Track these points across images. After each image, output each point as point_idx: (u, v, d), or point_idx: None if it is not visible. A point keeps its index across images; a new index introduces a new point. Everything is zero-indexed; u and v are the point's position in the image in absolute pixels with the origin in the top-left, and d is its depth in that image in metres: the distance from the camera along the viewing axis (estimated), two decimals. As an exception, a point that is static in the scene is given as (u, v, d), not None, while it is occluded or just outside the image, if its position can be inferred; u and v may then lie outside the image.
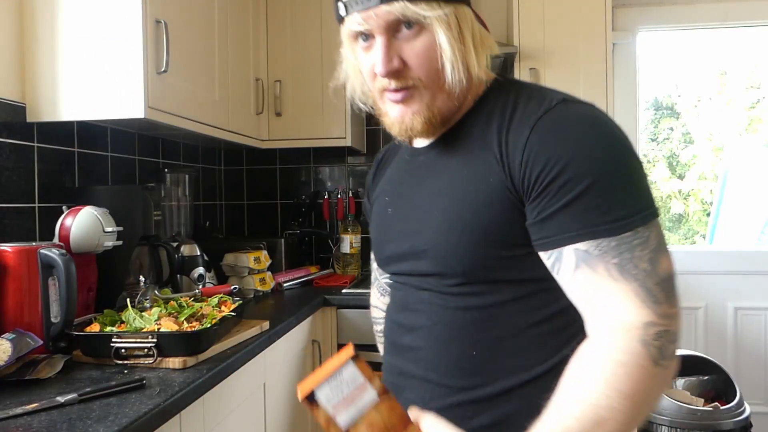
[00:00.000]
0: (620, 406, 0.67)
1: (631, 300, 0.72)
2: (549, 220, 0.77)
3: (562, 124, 0.78)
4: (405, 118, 0.86)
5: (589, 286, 0.75)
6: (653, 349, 0.70)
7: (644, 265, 0.73)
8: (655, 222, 0.76)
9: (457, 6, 0.83)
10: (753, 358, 2.87)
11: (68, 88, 1.60)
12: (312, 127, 2.56)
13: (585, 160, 0.75)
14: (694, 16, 2.87)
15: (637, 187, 0.77)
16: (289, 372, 1.85)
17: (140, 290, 1.57)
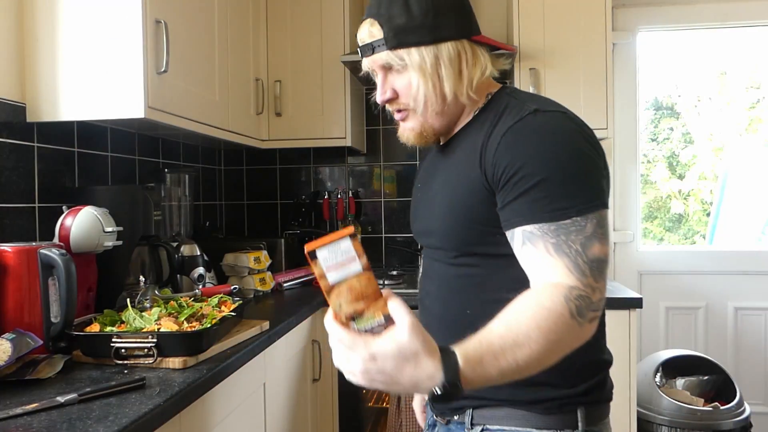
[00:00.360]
0: (536, 338, 0.82)
1: (562, 270, 0.89)
2: (508, 207, 0.95)
3: (525, 132, 0.96)
4: (404, 132, 1.11)
5: (532, 258, 0.92)
6: (572, 304, 0.85)
7: (576, 246, 0.89)
8: (595, 214, 0.91)
9: (438, 46, 1.03)
10: (753, 358, 2.87)
11: (68, 88, 1.60)
12: (312, 127, 2.56)
13: (537, 161, 0.93)
14: (694, 16, 2.87)
15: (581, 184, 0.93)
16: (289, 372, 1.85)
17: (140, 290, 1.57)
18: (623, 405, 2.13)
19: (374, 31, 1.04)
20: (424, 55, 1.02)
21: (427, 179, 1.19)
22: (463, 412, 1.05)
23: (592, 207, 0.91)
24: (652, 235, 3.15)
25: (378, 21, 1.03)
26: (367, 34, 1.05)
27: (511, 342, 0.81)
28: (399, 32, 1.02)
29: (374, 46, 1.04)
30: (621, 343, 2.12)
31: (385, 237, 2.91)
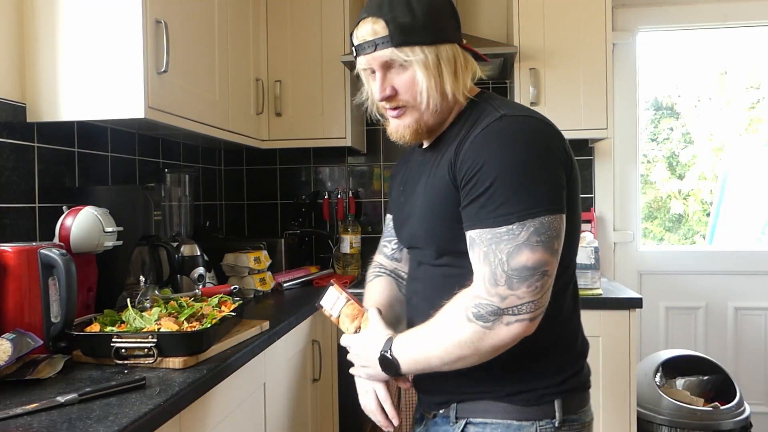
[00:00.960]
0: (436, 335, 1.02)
1: (479, 279, 1.00)
2: (464, 210, 1.04)
3: (486, 138, 1.02)
4: (399, 128, 1.14)
5: (473, 262, 1.02)
6: (469, 312, 0.99)
7: (501, 256, 0.97)
8: (534, 221, 0.97)
9: (438, 47, 1.07)
10: (753, 358, 2.87)
11: (68, 88, 1.60)
12: (312, 127, 2.56)
13: (490, 166, 0.99)
14: (694, 16, 2.87)
15: (527, 191, 0.98)
16: (289, 372, 1.85)
17: (140, 290, 1.57)
18: (623, 405, 2.13)
19: (378, 29, 1.07)
20: (427, 53, 1.07)
21: (410, 182, 1.24)
22: (447, 406, 1.13)
23: (532, 214, 0.97)
24: (652, 235, 3.15)
25: (383, 19, 1.06)
26: (369, 32, 1.08)
27: (424, 334, 1.04)
28: (404, 31, 1.05)
29: (377, 44, 1.07)
30: (621, 343, 2.12)
31: (385, 237, 2.91)
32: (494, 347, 0.99)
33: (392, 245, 1.39)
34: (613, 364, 2.13)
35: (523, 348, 1.01)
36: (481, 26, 2.85)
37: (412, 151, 1.31)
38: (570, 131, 2.47)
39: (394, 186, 1.34)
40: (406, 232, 1.23)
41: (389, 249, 1.40)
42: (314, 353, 2.10)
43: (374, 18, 1.07)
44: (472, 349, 0.99)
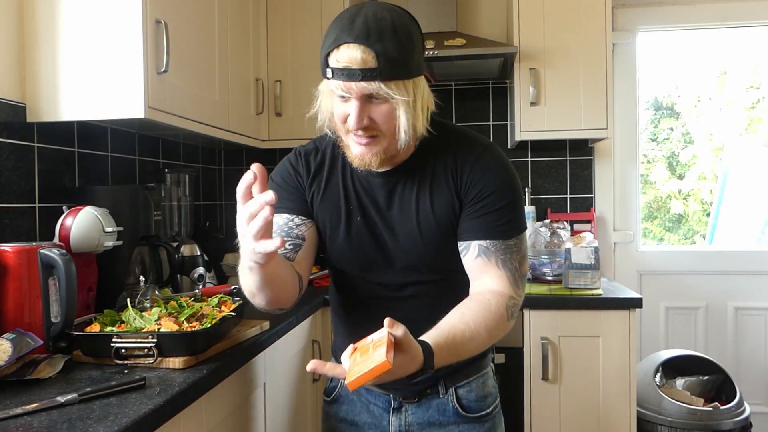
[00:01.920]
0: (484, 335, 1.10)
1: (505, 282, 1.17)
2: (469, 222, 1.18)
3: (492, 165, 1.19)
4: (365, 156, 1.14)
5: (482, 267, 1.18)
6: (509, 311, 1.15)
7: (515, 264, 1.19)
8: (523, 235, 1.22)
9: (417, 81, 1.11)
10: (753, 358, 2.87)
11: (68, 88, 1.60)
12: (312, 127, 2.54)
13: (504, 190, 1.18)
14: (694, 16, 2.87)
15: (521, 211, 1.22)
16: (289, 372, 1.85)
17: (140, 290, 1.57)
18: (623, 405, 2.13)
19: (367, 59, 1.04)
20: (410, 89, 1.09)
21: (372, 206, 1.23)
22: (435, 385, 1.29)
23: (523, 229, 1.21)
24: (652, 235, 3.15)
25: (372, 50, 1.04)
26: (356, 60, 1.05)
27: (467, 337, 1.07)
28: (393, 65, 1.05)
29: (364, 74, 1.05)
30: (621, 343, 2.12)
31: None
32: (496, 337, 1.16)
33: (286, 246, 1.26)
34: (613, 364, 2.13)
35: None
36: (481, 26, 2.85)
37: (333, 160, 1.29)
38: (570, 131, 2.48)
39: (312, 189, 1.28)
40: (385, 251, 1.23)
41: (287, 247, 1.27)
42: (314, 353, 2.10)
43: (363, 47, 1.04)
44: (497, 339, 1.15)
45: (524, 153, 2.87)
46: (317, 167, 1.32)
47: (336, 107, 1.15)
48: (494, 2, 2.84)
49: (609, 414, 2.14)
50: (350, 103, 1.10)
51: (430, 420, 1.29)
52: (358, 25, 1.05)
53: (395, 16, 1.09)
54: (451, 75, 2.78)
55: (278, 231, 1.27)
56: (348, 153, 1.19)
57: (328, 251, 1.30)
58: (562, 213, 2.84)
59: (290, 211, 1.29)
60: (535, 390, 2.17)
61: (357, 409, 1.34)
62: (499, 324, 1.12)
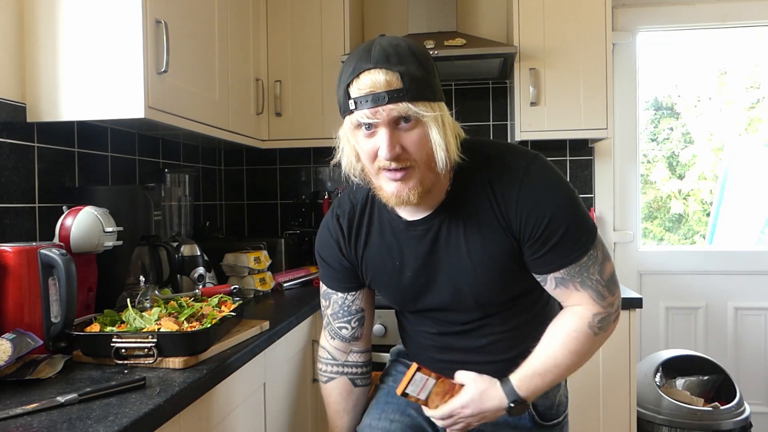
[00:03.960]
0: (569, 357, 1.15)
1: (587, 301, 1.16)
2: (540, 259, 1.15)
3: (537, 192, 1.11)
4: (402, 192, 1.08)
5: (564, 294, 1.18)
6: (595, 327, 1.15)
7: (596, 276, 1.14)
8: (598, 239, 1.15)
9: (442, 105, 1.08)
10: (753, 358, 2.87)
11: (68, 88, 1.60)
12: (312, 127, 2.56)
13: (558, 218, 1.11)
14: (694, 16, 2.87)
15: (586, 219, 1.15)
16: (289, 372, 1.85)
17: (140, 290, 1.57)
18: (623, 405, 2.13)
19: (392, 81, 1.02)
20: (438, 108, 1.06)
21: (416, 257, 1.21)
22: None
23: (595, 235, 1.15)
24: (652, 235, 3.15)
25: (396, 71, 1.02)
26: (381, 83, 1.02)
27: (551, 365, 1.14)
28: (418, 85, 1.03)
29: (391, 96, 1.02)
30: (621, 343, 2.12)
31: (385, 237, 2.91)
32: (603, 341, 1.20)
33: (353, 324, 1.34)
34: (613, 364, 2.13)
35: None
36: (481, 26, 2.85)
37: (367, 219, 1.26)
38: (570, 131, 2.48)
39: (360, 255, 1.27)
40: (440, 302, 1.23)
41: (349, 330, 1.35)
42: (314, 353, 2.10)
43: (384, 69, 1.02)
44: (590, 355, 1.18)
45: (524, 153, 2.87)
46: (357, 227, 1.27)
47: (363, 145, 1.09)
48: (494, 2, 2.84)
49: (609, 414, 2.14)
50: (378, 134, 1.05)
51: (506, 422, 1.29)
52: (375, 52, 1.03)
53: (410, 43, 1.08)
54: (451, 75, 2.78)
55: (340, 312, 1.35)
56: (382, 194, 1.12)
57: (384, 298, 1.33)
58: (562, 213, 2.83)
59: (343, 289, 1.33)
60: (535, 390, 2.17)
61: None
62: (585, 343, 1.15)
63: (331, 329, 1.38)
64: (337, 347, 1.39)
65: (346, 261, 1.29)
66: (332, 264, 1.31)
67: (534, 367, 1.15)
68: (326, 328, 1.40)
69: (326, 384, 1.43)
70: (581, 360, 1.17)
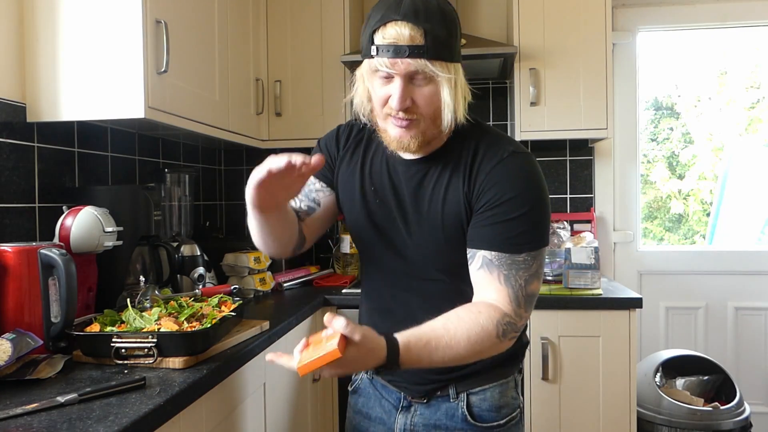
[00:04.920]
0: (464, 345, 1.06)
1: (504, 298, 1.11)
2: (478, 230, 1.14)
3: (511, 171, 1.13)
4: (404, 139, 1.13)
5: (484, 280, 1.13)
6: (500, 328, 1.09)
7: (521, 281, 1.11)
8: (541, 253, 1.14)
9: (457, 66, 1.11)
10: (753, 358, 2.87)
11: (68, 88, 1.60)
12: (312, 127, 2.56)
13: (519, 200, 1.10)
14: (694, 16, 2.87)
15: (542, 227, 1.14)
16: (289, 372, 1.85)
17: (140, 290, 1.57)
18: (623, 405, 2.13)
19: (415, 36, 1.05)
20: (452, 71, 1.09)
21: (390, 190, 1.22)
22: (444, 387, 1.26)
23: (541, 246, 1.13)
24: (652, 235, 3.15)
25: (421, 27, 1.05)
26: (405, 37, 1.05)
27: (443, 344, 1.05)
28: (439, 44, 1.06)
29: (411, 51, 1.05)
30: (621, 343, 2.12)
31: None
32: (492, 354, 1.13)
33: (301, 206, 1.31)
34: (613, 364, 2.13)
35: None
36: (481, 26, 2.85)
37: (370, 144, 1.28)
38: (570, 131, 2.48)
39: (342, 165, 1.28)
40: (395, 238, 1.22)
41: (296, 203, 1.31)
42: (314, 353, 2.10)
43: (411, 24, 1.05)
44: (480, 355, 1.10)
45: (524, 153, 2.87)
46: (356, 141, 1.31)
47: (377, 89, 1.13)
48: (494, 2, 2.84)
49: (609, 414, 2.14)
50: (393, 83, 1.09)
51: (437, 423, 1.27)
52: (406, 4, 1.06)
53: (441, 1, 1.10)
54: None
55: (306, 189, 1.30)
56: (385, 137, 1.17)
57: (346, 221, 1.32)
58: (562, 213, 2.84)
59: (316, 174, 1.31)
60: (535, 390, 2.17)
61: (371, 402, 1.36)
62: (485, 339, 1.07)
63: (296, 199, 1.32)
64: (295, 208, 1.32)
65: (334, 158, 1.32)
66: (323, 149, 1.34)
67: (428, 337, 1.04)
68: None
69: None
70: (470, 354, 1.08)
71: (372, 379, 1.37)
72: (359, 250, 1.36)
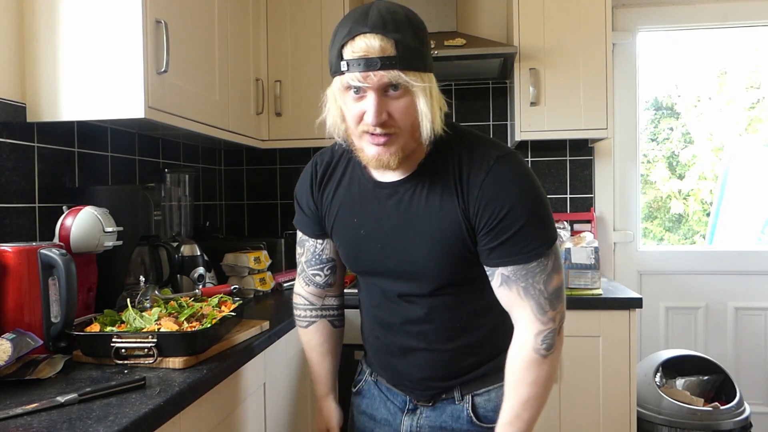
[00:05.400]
0: (532, 390, 1.13)
1: (528, 316, 1.13)
2: (490, 250, 1.12)
3: (503, 181, 1.10)
4: (383, 156, 1.09)
5: (507, 299, 1.15)
6: (541, 350, 1.12)
7: (540, 286, 1.11)
8: (554, 248, 1.13)
9: (431, 75, 1.08)
10: (753, 358, 2.87)
11: (68, 88, 1.60)
12: (312, 127, 2.54)
13: (518, 212, 1.09)
14: (694, 16, 2.87)
15: (546, 224, 1.12)
16: (289, 372, 1.85)
17: (140, 290, 1.57)
18: (623, 405, 2.13)
19: (387, 47, 1.02)
20: (428, 80, 1.07)
21: (375, 217, 1.20)
22: (450, 390, 1.26)
23: (552, 242, 1.12)
24: (652, 235, 3.15)
25: (391, 38, 1.02)
26: (375, 49, 1.02)
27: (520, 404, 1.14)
28: (411, 54, 1.04)
29: (383, 63, 1.02)
30: (621, 343, 2.12)
31: (385, 237, 2.91)
32: (558, 360, 1.17)
33: (325, 272, 1.38)
34: (613, 364, 2.13)
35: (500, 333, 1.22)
36: (481, 26, 2.85)
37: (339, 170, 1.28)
38: (570, 131, 2.48)
39: (324, 205, 1.28)
40: (385, 268, 1.22)
41: (322, 277, 1.38)
42: (314, 353, 2.10)
43: (380, 35, 1.02)
44: (549, 379, 1.15)
45: (524, 153, 2.87)
46: (330, 176, 1.30)
47: (349, 107, 1.09)
48: (494, 2, 2.84)
49: (609, 414, 2.14)
50: (366, 99, 1.06)
51: (443, 425, 1.27)
52: (373, 17, 1.03)
53: (407, 11, 1.09)
54: (451, 75, 2.78)
55: (313, 260, 1.36)
56: (362, 156, 1.13)
57: (340, 255, 1.34)
58: (562, 213, 2.84)
59: (314, 236, 1.35)
60: (535, 390, 2.17)
61: (376, 404, 1.37)
62: (538, 370, 1.13)
63: (305, 276, 1.40)
64: (313, 293, 1.42)
65: (314, 207, 1.30)
66: (304, 208, 1.33)
67: (507, 414, 1.15)
68: (300, 275, 1.41)
69: (307, 328, 1.44)
70: (544, 388, 1.15)
71: (377, 381, 1.37)
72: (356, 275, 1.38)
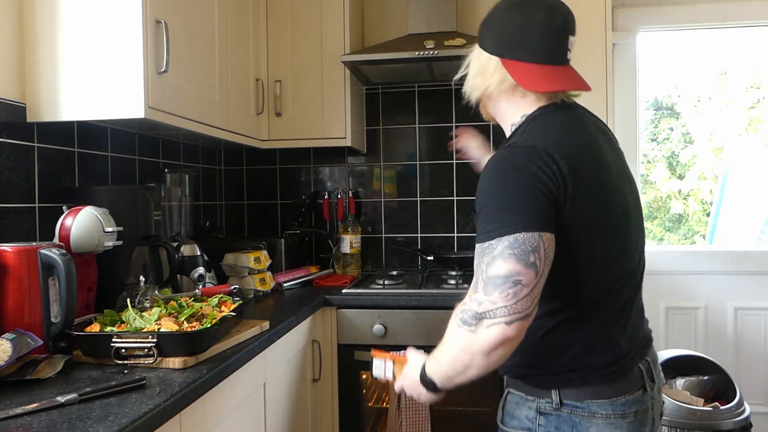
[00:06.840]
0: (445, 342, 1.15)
1: (471, 287, 1.12)
2: None
3: (485, 169, 1.16)
4: None
5: None
6: (458, 319, 1.11)
7: (483, 266, 1.09)
8: (509, 237, 1.06)
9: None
10: (753, 358, 2.87)
11: (68, 88, 1.60)
12: (312, 127, 2.56)
13: (481, 194, 1.13)
14: (694, 16, 2.87)
15: (506, 213, 1.09)
16: (289, 372, 1.85)
17: (140, 290, 1.57)
18: (623, 405, 2.13)
19: None
20: None
21: None
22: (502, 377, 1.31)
23: (508, 231, 1.07)
24: (652, 235, 3.15)
25: None
26: None
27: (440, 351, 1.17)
28: None
29: None
30: (621, 343, 2.12)
31: (385, 237, 2.91)
32: (482, 350, 1.07)
33: None
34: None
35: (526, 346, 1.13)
36: (481, 26, 2.85)
37: None
38: (570, 131, 2.48)
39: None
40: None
41: None
42: (314, 353, 2.10)
43: None
44: (468, 354, 1.09)
45: (524, 153, 2.87)
46: None
47: None
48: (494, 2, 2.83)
49: (609, 414, 2.13)
50: None
51: None
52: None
53: None
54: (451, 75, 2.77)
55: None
56: None
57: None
58: (562, 213, 2.83)
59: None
60: (535, 390, 2.16)
61: None
62: (451, 329, 1.12)
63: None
64: None
65: None
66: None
67: (436, 349, 1.19)
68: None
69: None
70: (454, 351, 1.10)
71: None
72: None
